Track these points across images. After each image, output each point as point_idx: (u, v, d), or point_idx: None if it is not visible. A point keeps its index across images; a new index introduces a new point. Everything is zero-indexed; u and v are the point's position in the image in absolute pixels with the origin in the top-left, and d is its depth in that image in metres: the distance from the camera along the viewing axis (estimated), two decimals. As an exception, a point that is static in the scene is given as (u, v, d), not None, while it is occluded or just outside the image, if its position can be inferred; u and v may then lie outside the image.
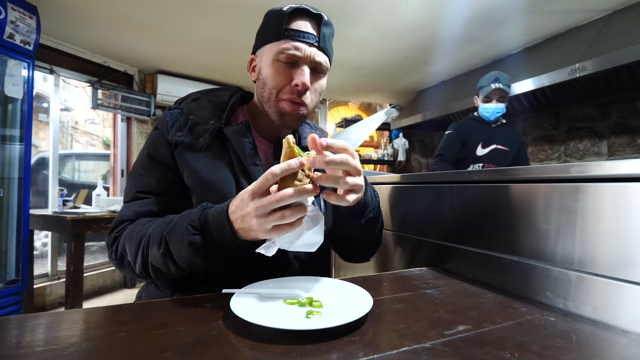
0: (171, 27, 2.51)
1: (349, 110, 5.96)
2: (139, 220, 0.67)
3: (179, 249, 0.57)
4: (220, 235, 0.55)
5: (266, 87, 0.70)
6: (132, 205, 0.69)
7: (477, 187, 0.77)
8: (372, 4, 2.19)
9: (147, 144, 0.73)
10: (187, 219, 0.57)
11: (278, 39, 0.67)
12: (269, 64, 0.69)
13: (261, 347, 0.40)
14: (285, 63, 0.68)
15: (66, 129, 10.73)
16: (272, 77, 0.69)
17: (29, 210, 2.10)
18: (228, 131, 0.70)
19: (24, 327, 0.46)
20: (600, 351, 0.44)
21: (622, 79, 2.13)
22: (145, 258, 0.61)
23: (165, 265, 0.60)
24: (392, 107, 4.54)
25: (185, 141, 0.68)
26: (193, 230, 0.56)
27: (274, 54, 0.68)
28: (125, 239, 0.65)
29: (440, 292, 0.64)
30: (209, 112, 0.73)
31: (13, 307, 1.98)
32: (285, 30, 0.67)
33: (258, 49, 0.73)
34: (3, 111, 2.00)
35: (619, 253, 0.51)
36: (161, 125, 0.72)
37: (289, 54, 0.66)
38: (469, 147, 2.06)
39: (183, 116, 0.72)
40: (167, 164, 0.70)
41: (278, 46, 0.67)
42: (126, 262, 0.65)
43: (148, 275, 0.64)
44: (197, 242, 0.55)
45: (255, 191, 0.50)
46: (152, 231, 0.61)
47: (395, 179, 1.11)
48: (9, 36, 1.89)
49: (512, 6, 2.17)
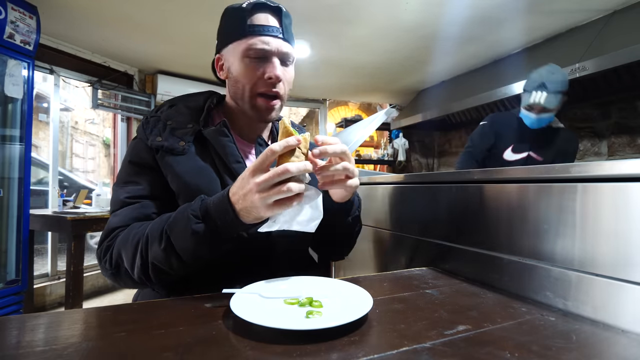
0: (171, 27, 2.51)
1: (349, 110, 5.97)
2: (133, 225, 0.65)
3: (182, 241, 0.56)
4: (223, 221, 0.55)
5: (239, 84, 0.71)
6: (121, 212, 0.67)
7: (477, 187, 0.77)
8: (371, 4, 2.19)
9: (129, 153, 0.73)
10: (188, 210, 0.57)
11: (243, 35, 0.68)
12: (239, 61, 0.70)
13: (261, 347, 0.40)
14: (255, 58, 0.69)
15: (66, 129, 10.73)
16: (243, 74, 0.70)
17: (29, 210, 2.10)
18: (207, 132, 0.71)
19: (24, 327, 0.46)
20: (600, 351, 0.44)
21: (622, 79, 2.13)
22: (145, 259, 0.60)
23: (167, 262, 0.59)
24: (392, 107, 4.54)
25: (165, 145, 0.68)
26: (195, 219, 0.56)
27: (241, 50, 0.69)
28: (119, 245, 0.63)
29: (440, 292, 0.64)
30: (186, 116, 0.73)
31: (13, 307, 1.98)
32: (250, 27, 0.68)
33: (223, 48, 0.74)
34: (3, 111, 2.00)
35: (619, 253, 0.51)
36: (140, 133, 0.72)
37: (258, 49, 0.68)
38: (498, 146, 1.75)
39: (160, 122, 0.72)
40: (151, 167, 0.69)
41: (245, 43, 0.68)
42: (123, 269, 0.64)
43: (148, 279, 0.62)
44: (200, 230, 0.55)
45: (256, 168, 0.52)
46: (149, 230, 0.61)
47: (395, 179, 1.11)
48: (9, 36, 1.89)
49: (512, 6, 2.17)
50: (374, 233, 1.19)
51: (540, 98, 1.55)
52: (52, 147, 2.83)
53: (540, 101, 1.55)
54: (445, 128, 4.05)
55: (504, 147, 1.74)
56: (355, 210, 0.75)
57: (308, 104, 4.60)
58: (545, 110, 1.60)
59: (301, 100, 4.47)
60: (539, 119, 1.63)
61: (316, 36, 2.66)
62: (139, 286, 0.70)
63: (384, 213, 1.14)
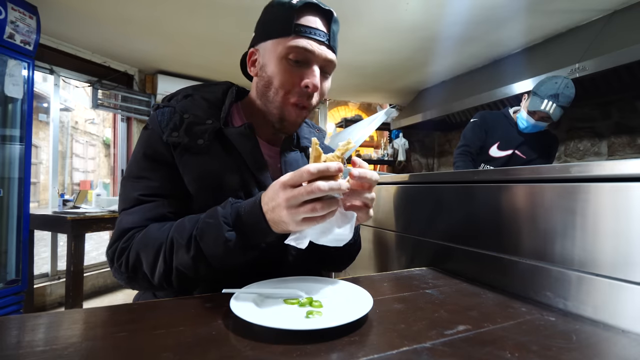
0: (171, 27, 2.51)
1: (349, 110, 5.97)
2: (151, 226, 0.61)
3: (213, 248, 0.54)
4: (255, 229, 0.54)
5: (272, 86, 0.66)
6: (136, 211, 0.62)
7: (478, 187, 0.77)
8: (372, 5, 2.19)
9: (142, 144, 0.67)
10: (218, 216, 0.54)
11: (287, 34, 0.62)
12: (276, 61, 0.64)
13: (261, 347, 0.40)
14: (295, 61, 0.63)
15: (66, 129, 10.72)
16: (279, 76, 0.64)
17: (29, 210, 2.10)
18: (231, 134, 0.67)
19: (24, 327, 0.46)
20: (600, 351, 0.44)
21: (622, 79, 2.13)
22: (169, 265, 0.57)
23: (194, 269, 0.56)
24: (392, 107, 4.54)
25: (183, 143, 0.64)
26: (227, 227, 0.54)
27: (282, 50, 0.63)
28: (138, 248, 0.59)
29: (440, 292, 0.64)
30: (205, 110, 0.68)
31: (13, 307, 1.98)
32: (296, 26, 0.62)
33: (260, 42, 0.67)
34: (3, 111, 2.00)
35: (619, 253, 0.51)
36: (153, 124, 0.66)
37: (301, 51, 0.62)
38: (487, 142, 1.87)
39: (176, 114, 0.66)
40: (167, 162, 0.64)
41: (287, 42, 0.62)
42: (141, 274, 0.60)
43: (169, 284, 0.59)
44: (232, 238, 0.54)
45: (287, 183, 0.49)
46: (173, 235, 0.57)
47: (395, 179, 1.11)
48: (9, 36, 1.89)
49: (512, 6, 2.17)
50: (375, 233, 1.19)
51: (550, 107, 1.58)
52: (52, 147, 2.83)
53: (550, 110, 1.58)
54: (445, 128, 4.05)
55: (491, 143, 1.85)
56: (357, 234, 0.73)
57: (308, 104, 4.59)
58: (546, 119, 1.65)
59: (301, 100, 4.46)
60: (536, 125, 1.70)
61: (316, 36, 2.65)
62: (155, 290, 0.66)
63: (384, 213, 1.14)
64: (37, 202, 9.82)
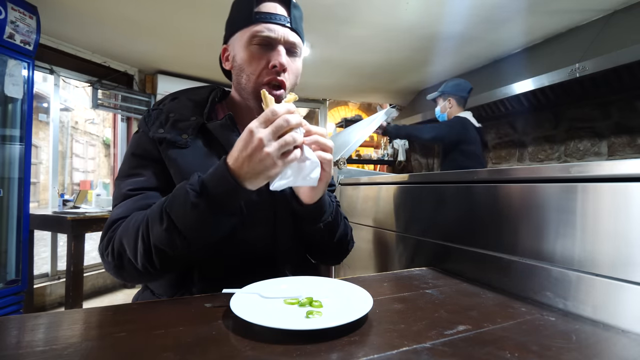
0: (171, 27, 2.51)
1: (349, 110, 5.96)
2: (134, 214, 0.63)
3: (183, 216, 0.54)
4: (223, 189, 0.54)
5: (243, 72, 0.70)
6: (123, 204, 0.65)
7: (478, 187, 0.77)
8: (372, 4, 2.19)
9: (131, 146, 0.71)
10: (185, 185, 0.55)
11: (249, 23, 0.67)
12: (244, 49, 0.68)
13: (261, 347, 0.40)
14: (260, 46, 0.67)
15: (66, 129, 10.72)
16: (248, 62, 0.68)
17: (29, 210, 2.10)
18: (212, 126, 0.69)
19: (24, 327, 0.46)
20: (600, 351, 0.44)
21: (622, 79, 2.13)
22: (148, 244, 0.57)
23: (170, 242, 0.56)
24: (392, 107, 4.54)
25: (167, 137, 0.67)
26: (194, 192, 0.54)
27: (247, 38, 0.68)
28: (121, 234, 0.61)
29: (440, 292, 0.64)
30: (190, 109, 0.72)
31: (13, 307, 1.98)
32: (256, 14, 0.67)
33: (230, 37, 0.73)
34: (3, 111, 2.00)
35: (619, 253, 0.51)
36: (142, 126, 0.71)
37: (263, 36, 0.66)
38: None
39: (163, 115, 0.71)
40: (155, 158, 0.68)
41: (250, 30, 0.67)
42: (126, 260, 0.60)
43: (152, 266, 0.58)
44: (199, 202, 0.54)
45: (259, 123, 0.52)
46: (149, 214, 0.59)
47: (395, 179, 1.11)
48: (9, 36, 1.89)
49: (512, 6, 2.17)
50: (374, 233, 1.19)
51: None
52: (52, 147, 2.83)
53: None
54: (445, 128, 4.04)
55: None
56: (328, 216, 0.70)
57: (308, 104, 4.60)
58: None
59: (301, 100, 4.46)
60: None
61: (316, 36, 2.66)
62: (143, 278, 0.66)
63: (384, 213, 1.14)
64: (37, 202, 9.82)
